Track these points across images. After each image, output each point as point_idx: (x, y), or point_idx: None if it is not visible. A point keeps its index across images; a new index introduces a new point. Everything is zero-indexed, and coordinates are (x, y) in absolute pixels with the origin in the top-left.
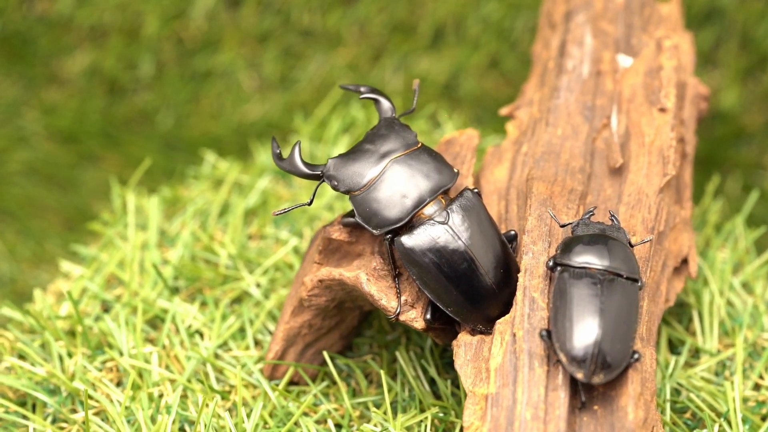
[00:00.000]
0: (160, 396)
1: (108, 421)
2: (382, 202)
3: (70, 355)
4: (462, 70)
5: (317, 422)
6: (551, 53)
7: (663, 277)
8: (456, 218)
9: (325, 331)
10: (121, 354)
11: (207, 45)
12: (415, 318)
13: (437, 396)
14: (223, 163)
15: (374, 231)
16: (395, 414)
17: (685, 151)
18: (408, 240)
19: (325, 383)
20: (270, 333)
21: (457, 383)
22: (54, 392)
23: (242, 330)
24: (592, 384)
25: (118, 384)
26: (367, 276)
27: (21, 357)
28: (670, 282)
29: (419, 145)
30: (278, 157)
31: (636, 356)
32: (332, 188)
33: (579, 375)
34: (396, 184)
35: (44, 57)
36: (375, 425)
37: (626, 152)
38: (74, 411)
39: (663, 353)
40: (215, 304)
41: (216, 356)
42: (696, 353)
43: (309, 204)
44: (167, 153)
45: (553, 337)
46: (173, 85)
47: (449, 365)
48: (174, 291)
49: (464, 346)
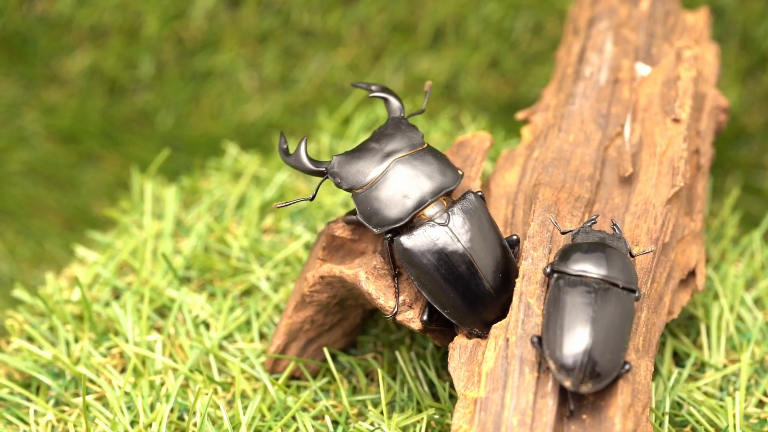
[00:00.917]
0: (162, 384)
1: (108, 407)
2: (383, 202)
3: (77, 340)
4: (462, 70)
5: (315, 418)
6: (571, 59)
7: (667, 289)
8: (457, 220)
9: (328, 328)
10: (127, 341)
11: (207, 45)
12: (413, 318)
13: (436, 397)
14: (245, 157)
15: (374, 230)
16: (392, 413)
17: (700, 163)
18: (407, 240)
19: (326, 379)
20: (276, 327)
21: None
22: (59, 376)
23: (248, 323)
24: (580, 393)
25: (123, 370)
26: (367, 274)
27: (30, 339)
28: (675, 294)
29: (425, 146)
30: (284, 153)
31: (627, 367)
32: (335, 185)
33: (567, 383)
34: (398, 184)
35: (44, 57)
36: (372, 424)
37: (638, 161)
38: (77, 395)
39: (667, 365)
40: (224, 296)
41: (221, 347)
42: (702, 367)
43: (311, 199)
44: (167, 153)
45: (544, 344)
46: (173, 85)
47: None
48: (185, 281)
49: (459, 349)
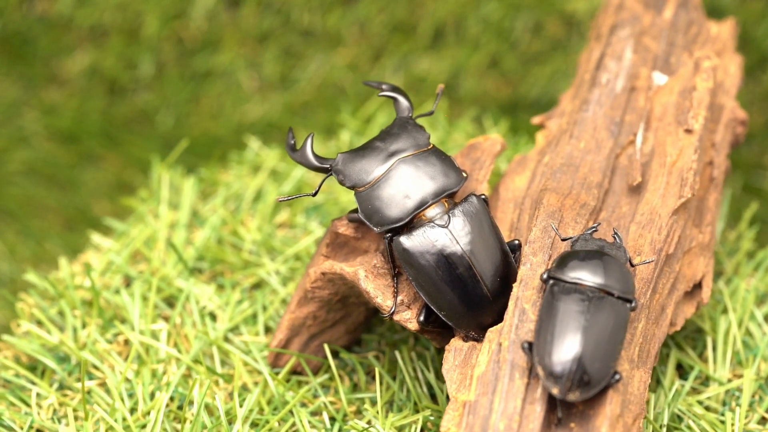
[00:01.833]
0: (164, 373)
1: (110, 394)
2: (384, 201)
3: (85, 326)
4: (462, 70)
5: (313, 414)
6: (590, 65)
7: (670, 300)
8: (457, 223)
9: (330, 324)
10: (133, 329)
11: (207, 45)
12: (410, 319)
13: (435, 399)
14: (267, 151)
15: (375, 229)
16: (389, 412)
17: (713, 175)
18: (406, 240)
19: (327, 376)
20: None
21: None
22: (64, 360)
23: (255, 316)
24: (568, 401)
25: (127, 358)
26: (366, 273)
27: (39, 323)
28: (679, 306)
29: (430, 147)
30: (291, 149)
31: (617, 377)
32: (339, 182)
33: (554, 390)
34: (400, 184)
35: (44, 57)
36: (368, 422)
37: (648, 171)
38: (80, 380)
39: (669, 377)
40: (232, 288)
41: (226, 339)
42: (706, 381)
43: (314, 195)
44: (167, 153)
45: (534, 350)
46: (173, 85)
47: None
48: (196, 272)
49: (454, 351)
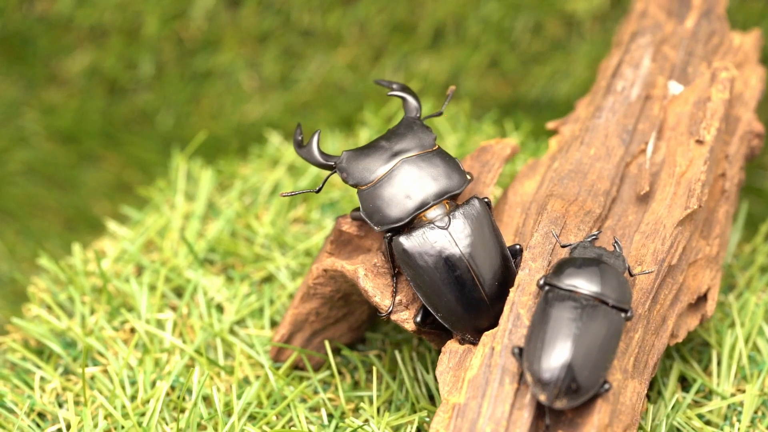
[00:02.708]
0: (167, 363)
1: (113, 381)
2: (386, 200)
3: (93, 312)
4: (462, 70)
5: (312, 409)
6: (607, 72)
7: (672, 312)
8: (457, 225)
9: (333, 321)
10: (139, 318)
11: (207, 45)
12: (407, 319)
13: (433, 400)
14: (287, 146)
15: (375, 228)
16: (387, 411)
17: (724, 187)
18: (405, 241)
19: (329, 372)
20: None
21: None
22: (71, 345)
23: (262, 310)
24: (554, 408)
25: (135, 346)
26: (366, 271)
27: (49, 308)
28: (682, 318)
29: (435, 148)
30: (298, 145)
31: (606, 386)
32: (343, 180)
33: (542, 397)
34: (402, 184)
35: (44, 57)
36: (365, 421)
37: (657, 181)
38: (85, 365)
39: (671, 389)
40: (241, 281)
41: (232, 332)
42: (709, 395)
43: (317, 191)
44: (167, 153)
45: (524, 356)
46: (173, 85)
47: None
48: (208, 263)
49: (449, 354)
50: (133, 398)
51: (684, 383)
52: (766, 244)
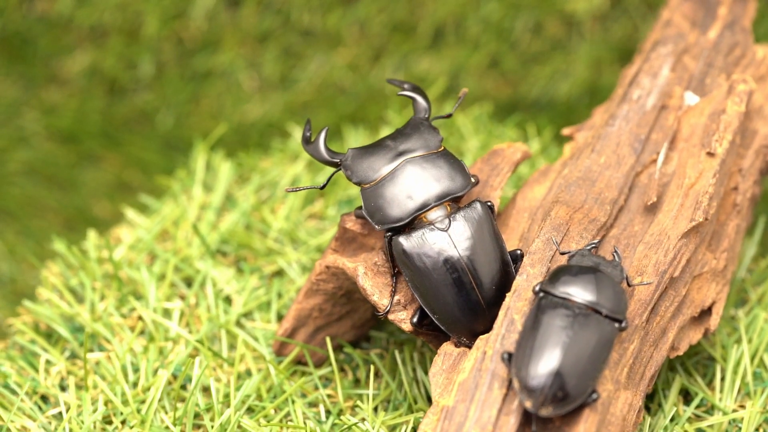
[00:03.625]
0: (171, 352)
1: (115, 367)
2: (387, 199)
3: (104, 298)
4: (462, 70)
5: (311, 405)
6: (625, 80)
7: (673, 324)
8: (457, 227)
9: (336, 318)
10: (147, 306)
11: (207, 45)
12: (404, 319)
13: (431, 401)
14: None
15: (376, 226)
16: (385, 410)
17: (736, 201)
18: (405, 241)
19: (331, 369)
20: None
21: None
22: (79, 330)
23: (270, 303)
24: (540, 415)
25: (141, 333)
26: (366, 270)
27: (60, 292)
28: (684, 330)
29: (440, 150)
30: (306, 141)
31: (594, 396)
32: (347, 178)
33: (527, 404)
34: (404, 184)
35: (44, 57)
36: (361, 419)
37: (666, 191)
38: (91, 350)
39: (671, 402)
40: (251, 273)
41: (239, 324)
42: (711, 409)
43: (322, 188)
44: (167, 153)
45: (513, 362)
46: (173, 85)
47: None
48: (221, 255)
49: (443, 356)
50: (135, 385)
51: (687, 397)
52: None
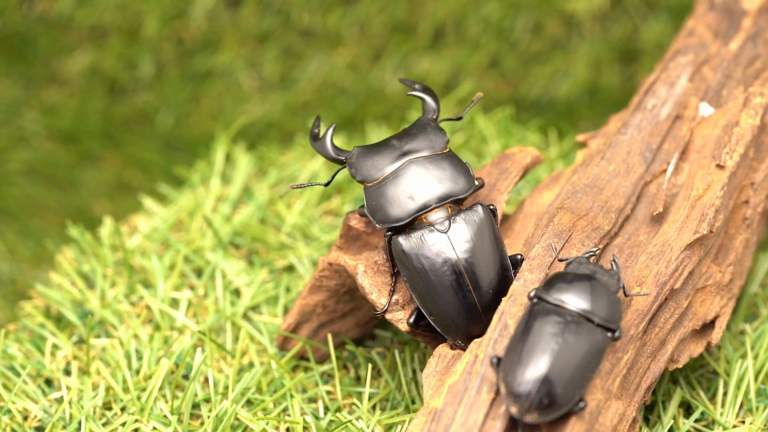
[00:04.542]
0: (176, 341)
1: (119, 354)
2: (389, 199)
3: (114, 285)
4: (462, 70)
5: (310, 400)
6: (642, 88)
7: (673, 336)
8: (457, 230)
9: (340, 315)
10: (155, 295)
11: (207, 45)
12: (402, 319)
13: None
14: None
15: (377, 225)
16: (383, 409)
17: (746, 215)
18: (404, 241)
19: (333, 365)
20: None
21: None
22: (88, 316)
23: (277, 298)
24: (524, 422)
25: (150, 321)
26: (366, 268)
27: (72, 278)
28: (684, 343)
29: (445, 151)
30: (314, 137)
31: (581, 404)
32: (351, 176)
33: (513, 409)
34: (406, 184)
35: (44, 57)
36: (357, 417)
37: (674, 202)
38: (98, 336)
39: (670, 415)
40: (261, 267)
41: (246, 317)
42: (711, 424)
43: (326, 185)
44: (167, 153)
45: (501, 366)
46: (173, 85)
47: None
48: (234, 247)
49: (438, 358)
50: (138, 373)
51: (689, 410)
52: None
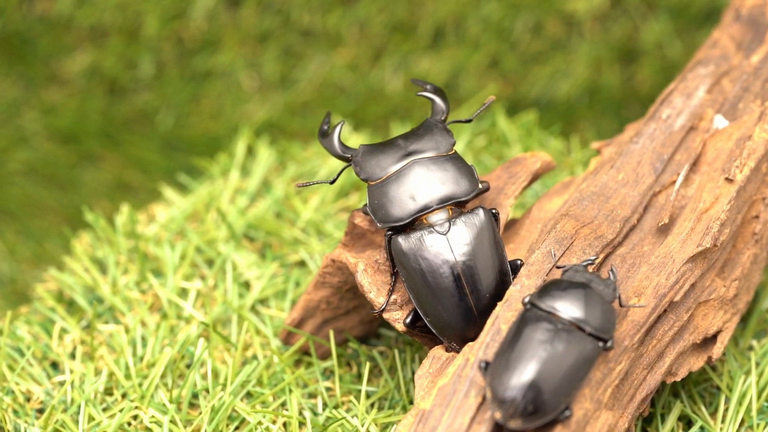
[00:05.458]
0: (181, 331)
1: (127, 341)
2: (390, 198)
3: (126, 272)
4: (462, 70)
5: (311, 396)
6: (659, 98)
7: (672, 349)
8: (456, 232)
9: (343, 312)
10: (164, 284)
11: (207, 45)
12: (398, 319)
13: None
14: (356, 136)
15: (378, 224)
16: (381, 408)
17: (755, 231)
18: (403, 241)
19: (336, 361)
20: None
21: None
22: (99, 302)
23: (286, 292)
24: (509, 428)
25: (159, 309)
26: (366, 267)
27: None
28: (684, 356)
29: (451, 153)
30: (322, 134)
31: (567, 413)
32: (355, 173)
33: (497, 415)
34: (409, 184)
35: (44, 57)
36: (353, 415)
37: (681, 214)
38: (106, 322)
39: (668, 428)
40: (272, 260)
41: (253, 310)
42: None
43: (331, 183)
44: (167, 153)
45: (488, 371)
46: (173, 85)
47: None
48: (249, 240)
49: (432, 359)
50: (142, 360)
51: (690, 424)
52: None
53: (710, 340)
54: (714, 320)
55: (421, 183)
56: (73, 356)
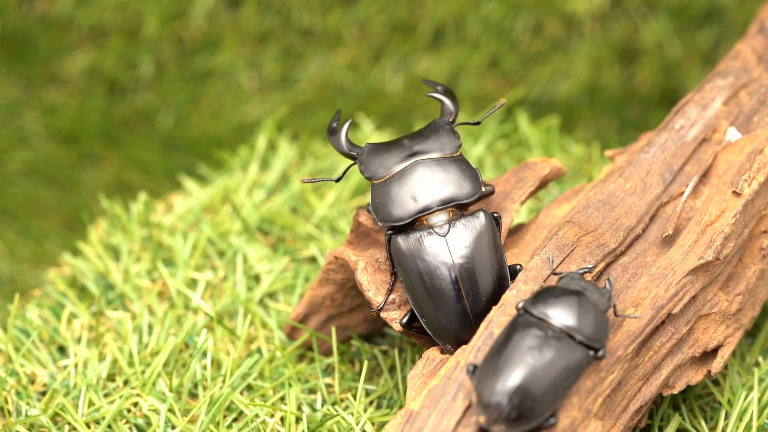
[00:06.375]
0: (187, 320)
1: (134, 328)
2: (392, 198)
3: (139, 260)
4: (462, 70)
5: (311, 391)
6: (675, 108)
7: (669, 361)
8: (456, 234)
9: (347, 309)
10: (174, 275)
11: (207, 45)
12: (396, 319)
13: None
14: (378, 134)
15: (379, 223)
16: (378, 407)
17: (763, 246)
18: (402, 241)
19: (339, 358)
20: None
21: None
22: (110, 288)
23: (295, 287)
24: None
25: (169, 299)
26: (366, 265)
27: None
28: (682, 369)
29: (455, 155)
30: (330, 131)
31: (552, 420)
32: (360, 172)
33: (481, 419)
34: (411, 185)
35: (44, 57)
36: (350, 413)
37: (686, 226)
38: (115, 309)
39: None
40: (283, 255)
41: (261, 303)
42: None
43: (337, 181)
44: (167, 153)
45: (476, 375)
46: (173, 85)
47: None
48: (263, 234)
49: (426, 361)
50: (146, 348)
51: None
52: None
53: (710, 354)
54: (715, 334)
55: (423, 184)
56: (80, 341)
